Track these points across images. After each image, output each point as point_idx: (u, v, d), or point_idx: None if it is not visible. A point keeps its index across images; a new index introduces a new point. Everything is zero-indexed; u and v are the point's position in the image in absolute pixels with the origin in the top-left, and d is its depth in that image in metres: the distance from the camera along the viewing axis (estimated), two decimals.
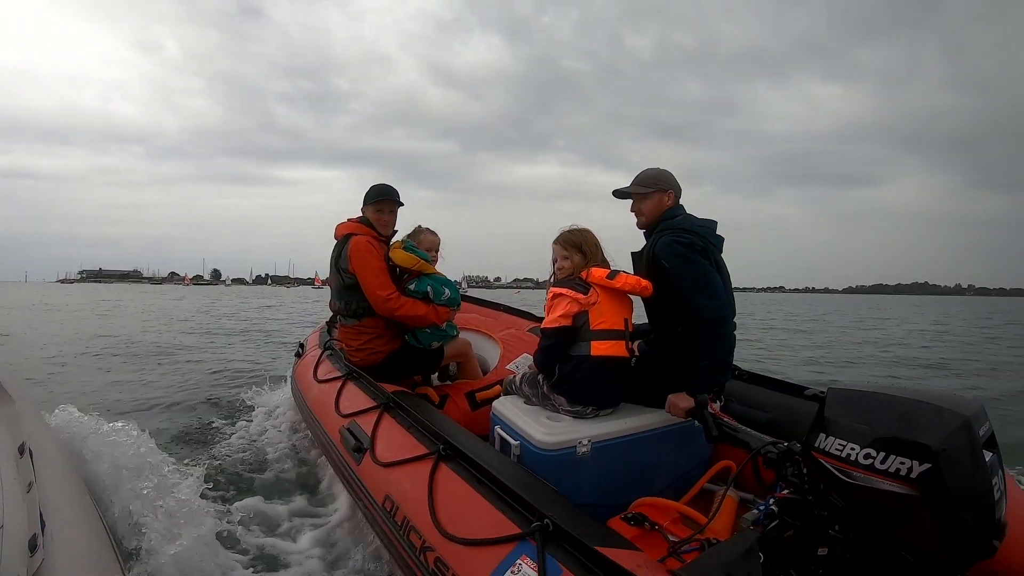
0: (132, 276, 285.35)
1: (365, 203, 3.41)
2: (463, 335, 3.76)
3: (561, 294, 2.40)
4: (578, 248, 2.48)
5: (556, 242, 2.55)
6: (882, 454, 1.33)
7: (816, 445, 1.48)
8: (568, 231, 2.54)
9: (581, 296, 2.36)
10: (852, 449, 1.39)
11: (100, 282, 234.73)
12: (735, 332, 2.46)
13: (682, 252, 2.31)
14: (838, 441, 1.42)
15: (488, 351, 4.10)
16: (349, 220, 3.45)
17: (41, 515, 1.45)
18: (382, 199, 3.39)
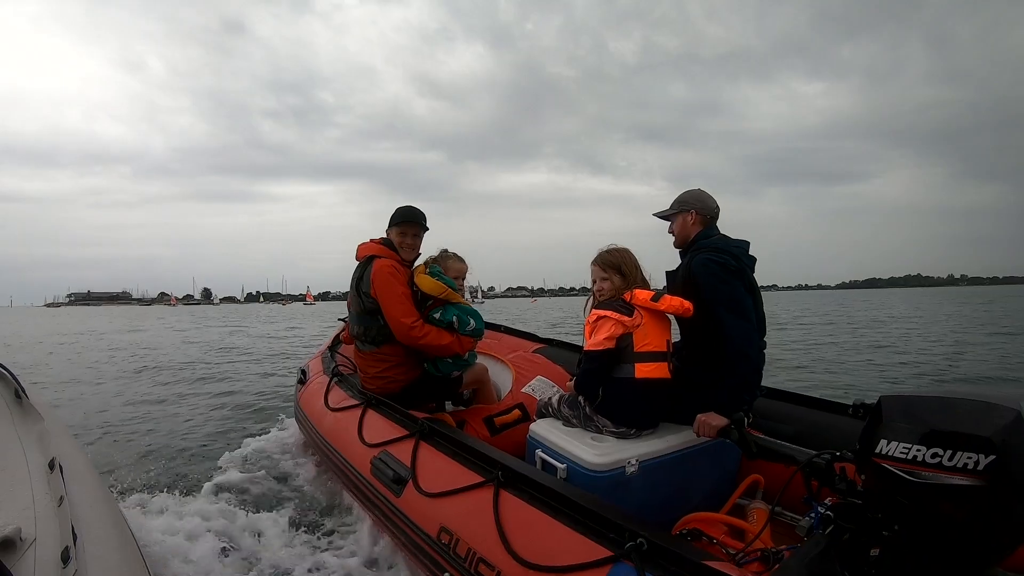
0: (121, 298, 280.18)
1: (390, 224, 3.31)
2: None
3: (605, 316, 2.39)
4: (617, 269, 2.49)
5: (594, 263, 2.56)
6: (948, 452, 1.39)
7: (878, 451, 1.52)
8: (606, 251, 2.55)
9: (626, 319, 2.36)
10: (918, 451, 1.43)
11: (89, 305, 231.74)
12: (764, 352, 2.56)
13: (716, 272, 2.38)
14: (902, 445, 1.47)
15: (499, 375, 4.01)
16: (371, 241, 3.35)
17: (73, 528, 1.47)
18: (407, 222, 3.29)
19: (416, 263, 3.35)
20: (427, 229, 3.36)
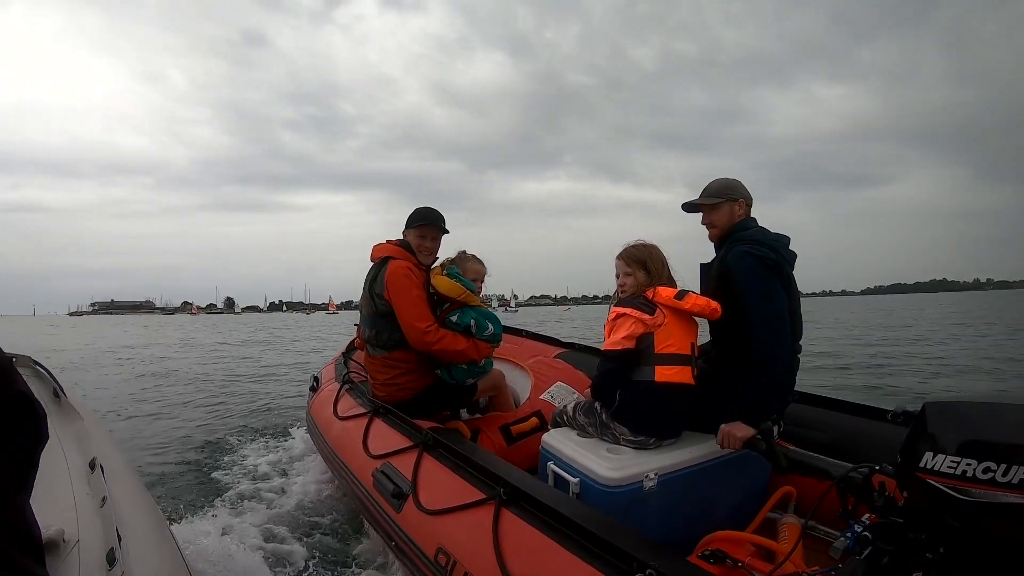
0: (144, 307, 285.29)
1: (407, 226, 3.18)
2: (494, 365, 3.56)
3: (625, 314, 2.26)
4: (642, 265, 2.36)
5: (619, 257, 2.43)
6: (1003, 466, 1.21)
7: (922, 466, 1.34)
8: (632, 246, 2.42)
9: (647, 316, 2.22)
10: (968, 465, 1.26)
11: (111, 313, 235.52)
12: (799, 356, 2.39)
13: (752, 266, 2.22)
14: (950, 458, 1.29)
15: (518, 381, 3.87)
16: (388, 242, 3.22)
17: (117, 529, 1.45)
18: (426, 224, 3.14)
19: (433, 265, 3.21)
20: (446, 232, 3.21)
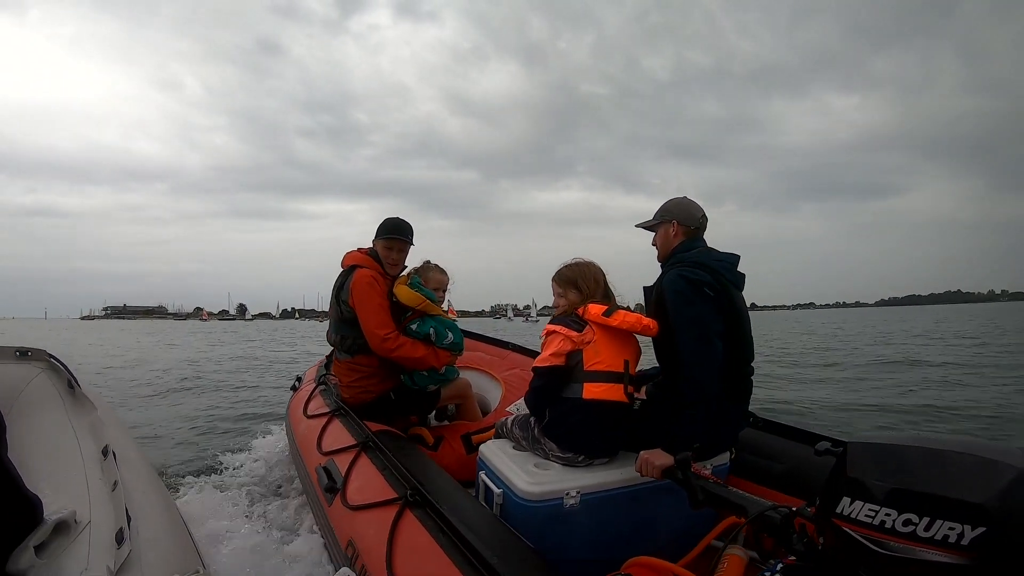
0: (157, 312, 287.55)
1: (376, 235, 3.24)
2: (464, 374, 3.58)
3: (554, 331, 2.24)
4: (573, 284, 2.33)
5: (552, 279, 2.41)
6: (926, 519, 1.08)
7: (839, 511, 1.23)
8: (566, 266, 2.39)
9: (575, 334, 2.19)
10: (887, 515, 1.13)
11: (124, 318, 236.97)
12: (751, 378, 2.31)
13: (682, 288, 2.14)
14: (868, 506, 1.17)
15: (490, 391, 3.91)
16: (359, 250, 3.29)
17: (127, 511, 1.54)
18: (393, 237, 3.20)
19: (401, 274, 3.29)
20: (412, 244, 3.28)
